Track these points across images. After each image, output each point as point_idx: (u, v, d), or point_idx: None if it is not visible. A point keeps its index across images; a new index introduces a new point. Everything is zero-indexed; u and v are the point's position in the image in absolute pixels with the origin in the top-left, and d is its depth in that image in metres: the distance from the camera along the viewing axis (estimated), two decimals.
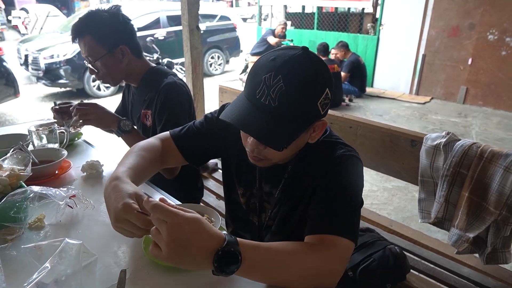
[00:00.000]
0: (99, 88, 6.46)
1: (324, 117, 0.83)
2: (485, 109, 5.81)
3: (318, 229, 0.81)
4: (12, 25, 15.59)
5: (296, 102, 0.74)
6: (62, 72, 6.14)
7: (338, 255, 0.77)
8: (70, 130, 1.49)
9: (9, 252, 0.85)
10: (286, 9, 8.92)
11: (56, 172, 1.28)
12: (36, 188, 0.95)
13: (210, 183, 2.18)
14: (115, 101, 1.82)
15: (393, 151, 1.58)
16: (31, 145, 1.42)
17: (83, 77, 6.23)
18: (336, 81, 5.36)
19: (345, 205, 0.83)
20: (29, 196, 0.93)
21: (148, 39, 5.35)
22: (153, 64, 1.54)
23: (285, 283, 0.73)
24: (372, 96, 6.52)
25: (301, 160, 0.92)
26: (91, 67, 1.43)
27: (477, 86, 5.93)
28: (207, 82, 6.00)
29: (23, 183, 1.02)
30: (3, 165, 1.04)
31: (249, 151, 0.87)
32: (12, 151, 1.11)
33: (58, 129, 1.44)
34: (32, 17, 14.34)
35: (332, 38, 7.15)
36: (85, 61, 1.44)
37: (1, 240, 0.89)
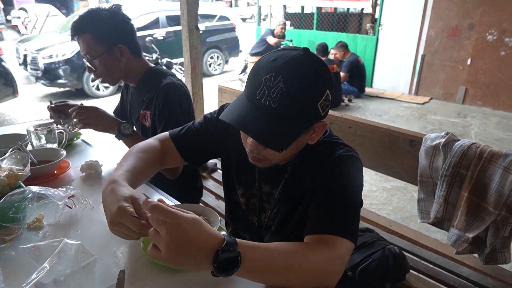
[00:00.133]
0: (98, 88, 6.45)
1: (324, 118, 0.83)
2: (484, 109, 5.82)
3: (318, 229, 0.81)
4: (12, 25, 15.57)
5: (296, 103, 0.74)
6: (61, 72, 6.13)
7: (338, 255, 0.76)
8: (69, 130, 1.48)
9: (8, 253, 0.85)
10: (285, 9, 8.92)
11: (55, 172, 1.28)
12: (35, 188, 0.95)
13: (210, 183, 2.18)
14: (114, 101, 1.82)
15: (392, 151, 1.58)
16: (30, 145, 1.42)
17: (82, 77, 6.22)
18: (335, 81, 5.36)
19: (345, 206, 0.83)
20: (28, 196, 0.92)
21: (147, 39, 5.34)
22: (152, 64, 1.54)
23: (285, 284, 0.72)
24: (371, 96, 6.52)
25: (301, 161, 0.92)
26: (89, 65, 1.43)
27: (476, 86, 5.94)
28: (206, 82, 5.99)
29: (22, 183, 1.02)
30: (2, 165, 1.04)
31: (249, 152, 0.87)
32: (11, 151, 1.11)
33: (57, 129, 1.43)
34: (32, 17, 14.32)
35: (331, 38, 7.16)
36: (84, 59, 1.44)
37: (0, 241, 0.89)
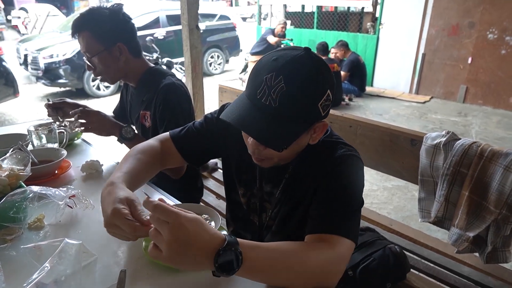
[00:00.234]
0: (99, 88, 6.46)
1: (325, 118, 0.82)
2: (485, 108, 5.81)
3: (319, 229, 0.81)
4: (12, 25, 15.57)
5: (297, 103, 0.74)
6: (62, 72, 6.13)
7: (339, 255, 0.76)
8: (70, 130, 1.48)
9: (9, 252, 0.85)
10: (286, 8, 8.91)
11: (56, 172, 1.28)
12: (36, 188, 0.95)
13: (210, 183, 2.18)
14: (115, 101, 1.83)
15: (393, 151, 1.58)
16: (31, 145, 1.42)
17: (83, 77, 6.22)
18: (336, 81, 5.34)
19: (346, 205, 0.83)
20: (29, 196, 0.93)
21: (148, 39, 5.34)
22: (152, 64, 1.54)
23: (286, 283, 0.72)
24: (372, 95, 6.52)
25: (302, 160, 0.92)
26: (88, 63, 1.43)
27: (477, 85, 5.93)
28: (207, 82, 6.00)
29: (23, 183, 1.02)
30: (3, 165, 1.04)
31: (251, 151, 0.87)
32: (12, 151, 1.11)
33: (58, 129, 1.43)
34: (32, 17, 14.32)
35: (332, 37, 7.15)
36: (84, 58, 1.45)
37: (1, 240, 0.89)
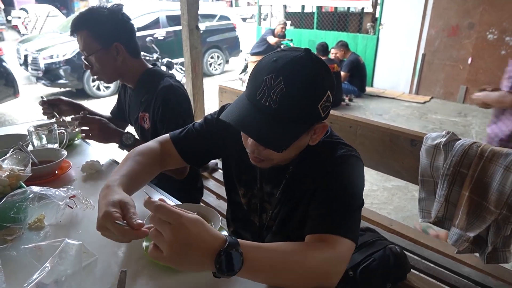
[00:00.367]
0: (99, 88, 6.46)
1: (325, 119, 0.82)
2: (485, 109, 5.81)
3: (319, 229, 0.81)
4: (12, 25, 15.58)
5: (297, 104, 0.74)
6: (62, 72, 6.14)
7: (339, 255, 0.76)
8: (71, 130, 1.48)
9: (9, 253, 0.85)
10: (286, 9, 8.91)
11: (56, 172, 1.28)
12: (36, 189, 0.95)
13: (210, 183, 2.18)
14: (115, 101, 1.83)
15: (393, 151, 1.58)
16: (31, 145, 1.42)
17: (83, 77, 6.22)
18: (336, 81, 5.34)
19: (346, 205, 0.83)
20: (29, 197, 0.93)
21: (148, 39, 5.34)
22: (150, 65, 1.54)
23: (286, 283, 0.72)
24: (372, 96, 6.52)
25: (302, 161, 0.92)
26: (85, 62, 1.44)
27: (477, 86, 5.88)
28: (207, 82, 5.99)
29: (23, 184, 1.02)
30: (3, 166, 1.04)
31: (250, 152, 0.87)
32: (12, 152, 1.11)
33: (58, 129, 1.44)
34: (32, 17, 14.33)
35: (332, 38, 7.15)
36: (82, 56, 1.45)
37: (1, 241, 0.89)
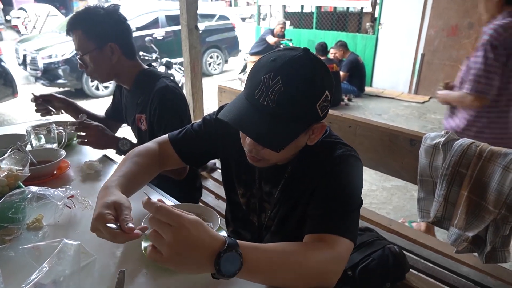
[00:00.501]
0: (98, 88, 6.45)
1: (324, 119, 0.82)
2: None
3: (318, 229, 0.80)
4: (11, 25, 15.56)
5: (295, 104, 0.74)
6: (61, 72, 6.14)
7: (337, 255, 0.76)
8: (69, 130, 1.48)
9: (7, 253, 0.85)
10: (285, 9, 8.92)
11: (55, 172, 1.28)
12: (34, 189, 0.95)
13: (209, 183, 2.17)
14: None
15: (392, 151, 1.58)
16: (29, 145, 1.42)
17: (82, 77, 6.21)
18: (335, 81, 5.35)
19: (345, 205, 0.83)
20: (27, 197, 0.92)
21: (147, 39, 5.33)
22: (145, 66, 1.54)
23: (285, 283, 0.72)
24: (371, 96, 6.52)
25: (301, 160, 0.92)
26: (80, 61, 1.44)
27: None
28: (206, 82, 5.99)
29: (21, 184, 1.02)
30: (1, 166, 1.04)
31: (247, 151, 0.86)
32: (10, 151, 1.11)
33: (56, 129, 1.43)
34: (31, 17, 14.31)
35: (331, 38, 7.15)
36: (77, 56, 1.45)
37: None
